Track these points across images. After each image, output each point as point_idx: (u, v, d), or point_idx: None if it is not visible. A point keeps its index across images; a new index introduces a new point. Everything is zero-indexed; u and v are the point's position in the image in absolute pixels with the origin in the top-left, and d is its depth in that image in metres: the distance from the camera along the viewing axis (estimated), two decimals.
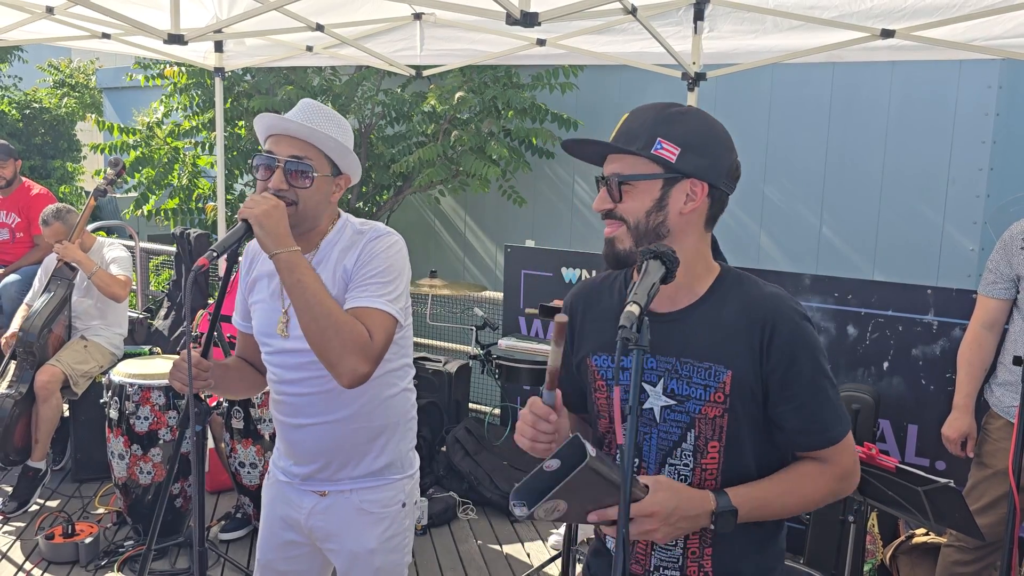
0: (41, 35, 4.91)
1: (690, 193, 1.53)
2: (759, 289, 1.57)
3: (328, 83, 7.38)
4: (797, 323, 1.52)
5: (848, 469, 1.58)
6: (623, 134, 1.56)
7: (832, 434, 1.54)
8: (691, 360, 1.55)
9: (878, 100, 6.04)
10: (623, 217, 1.54)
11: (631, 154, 1.53)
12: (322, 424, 2.05)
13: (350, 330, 1.85)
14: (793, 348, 1.51)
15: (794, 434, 1.54)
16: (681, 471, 1.57)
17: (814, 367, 1.52)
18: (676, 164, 1.51)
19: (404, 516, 2.15)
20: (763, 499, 1.52)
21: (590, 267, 4.74)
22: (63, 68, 15.16)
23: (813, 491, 1.55)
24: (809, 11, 3.75)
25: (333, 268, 2.00)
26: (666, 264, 1.42)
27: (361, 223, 2.08)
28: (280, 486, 2.18)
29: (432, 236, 8.49)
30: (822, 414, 1.53)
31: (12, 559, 3.80)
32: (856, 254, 6.22)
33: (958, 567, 3.08)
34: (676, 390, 1.56)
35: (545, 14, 3.02)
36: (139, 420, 3.77)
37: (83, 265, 4.30)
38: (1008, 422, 2.98)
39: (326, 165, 1.98)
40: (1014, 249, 2.97)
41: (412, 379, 2.19)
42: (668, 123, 1.53)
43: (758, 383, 1.52)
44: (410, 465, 2.18)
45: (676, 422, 1.56)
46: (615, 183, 1.54)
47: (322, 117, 1.98)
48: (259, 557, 2.23)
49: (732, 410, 1.53)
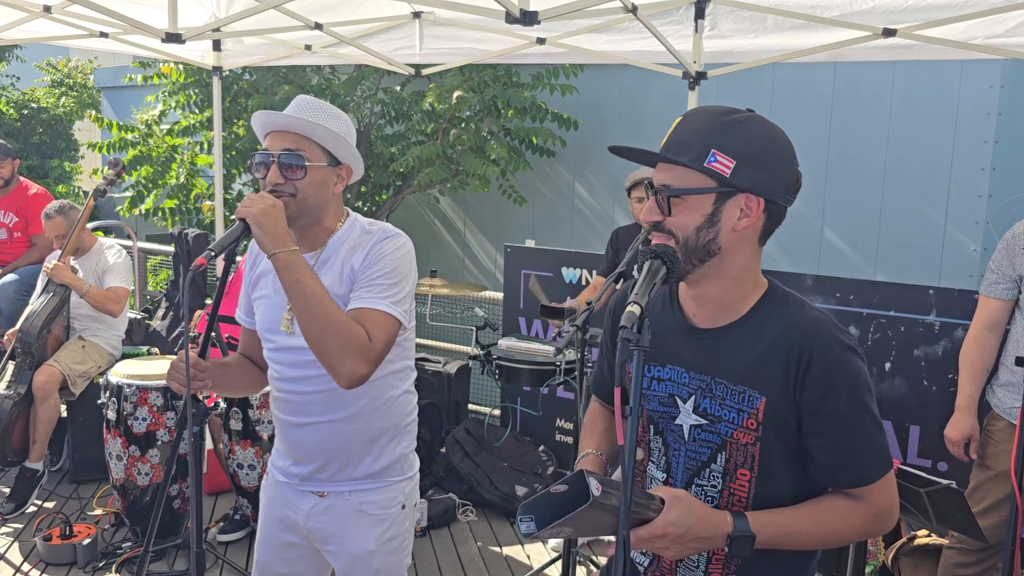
0: (39, 34, 4.89)
1: (744, 208, 1.45)
2: (803, 313, 1.48)
3: (327, 82, 7.37)
4: (838, 353, 1.43)
5: (883, 509, 1.48)
6: (675, 142, 1.47)
7: (866, 473, 1.45)
8: (725, 381, 1.49)
9: (880, 99, 6.04)
10: (672, 231, 1.45)
11: (682, 166, 1.44)
12: (322, 423, 2.04)
13: (349, 331, 1.84)
14: (830, 379, 1.42)
15: (826, 469, 1.46)
16: (708, 492, 1.52)
17: (852, 400, 1.43)
18: (731, 178, 1.42)
19: (404, 518, 2.14)
20: (785, 528, 1.45)
21: (590, 267, 4.72)
22: (61, 67, 15.15)
23: (841, 527, 1.47)
24: (811, 10, 3.74)
25: (340, 266, 1.99)
26: (667, 263, 1.41)
27: (370, 223, 2.07)
28: (279, 487, 2.17)
29: (432, 236, 8.48)
30: (857, 451, 1.45)
31: (10, 560, 3.78)
32: (858, 254, 6.21)
33: (959, 569, 3.07)
34: (708, 409, 1.50)
35: (545, 13, 3.01)
36: (137, 421, 3.75)
37: (73, 286, 4.28)
38: (1010, 423, 2.96)
39: (321, 155, 1.97)
40: (1016, 249, 2.95)
41: (413, 382, 2.18)
42: (723, 133, 1.43)
43: (792, 413, 1.45)
44: (410, 467, 2.17)
45: (706, 442, 1.51)
46: (664, 196, 1.45)
47: (315, 109, 1.99)
48: (257, 558, 2.22)
49: (765, 439, 1.46)
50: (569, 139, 7.19)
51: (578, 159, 7.50)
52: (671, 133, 1.48)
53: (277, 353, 2.07)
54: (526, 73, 7.06)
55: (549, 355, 4.06)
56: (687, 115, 1.49)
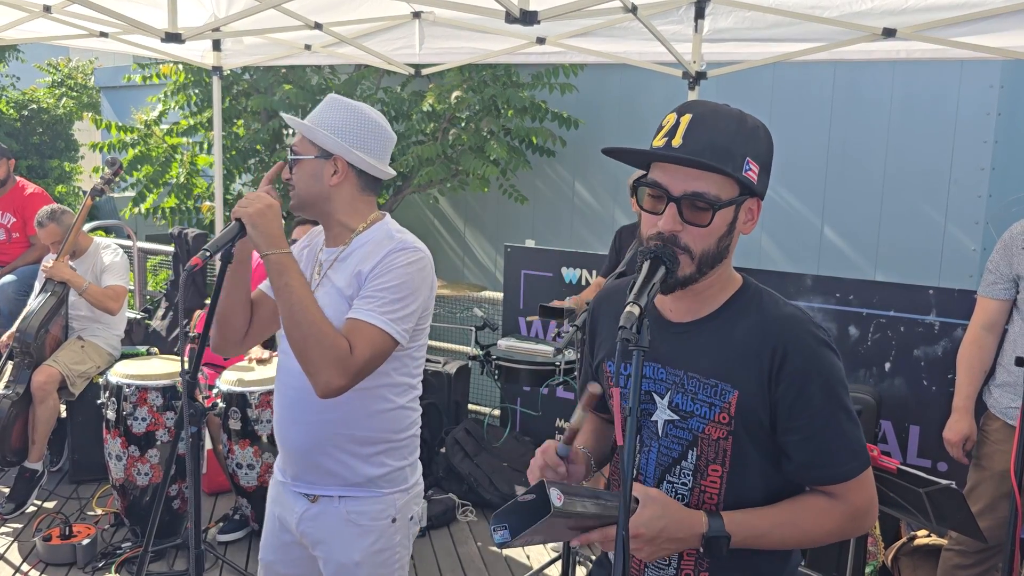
0: (39, 34, 4.89)
1: (749, 211, 1.44)
2: (777, 309, 1.46)
3: (327, 82, 7.37)
4: (813, 349, 1.41)
5: (861, 509, 1.45)
6: (706, 147, 1.36)
7: (842, 470, 1.42)
8: (697, 375, 1.46)
9: (879, 100, 6.04)
10: (688, 247, 1.40)
11: (724, 174, 1.37)
12: (307, 422, 2.03)
13: (330, 342, 1.82)
14: (805, 375, 1.40)
15: (801, 467, 1.44)
16: (679, 490, 1.50)
17: (827, 397, 1.41)
18: (756, 186, 1.40)
19: (394, 532, 2.08)
20: (760, 528, 1.43)
21: (590, 267, 4.72)
22: (61, 67, 15.14)
23: (816, 526, 1.45)
24: (810, 10, 3.74)
25: (353, 267, 1.98)
26: (666, 264, 1.38)
27: (398, 230, 2.05)
28: (278, 486, 2.17)
29: (432, 236, 8.47)
30: (832, 448, 1.42)
31: (9, 561, 3.78)
32: (857, 254, 6.21)
33: (959, 570, 3.06)
34: (680, 405, 1.48)
35: (545, 12, 3.01)
36: (136, 421, 3.75)
37: (73, 283, 4.28)
38: (1006, 424, 2.96)
39: (311, 149, 2.01)
40: (1015, 249, 2.95)
41: (416, 399, 2.12)
42: (752, 140, 1.40)
43: (765, 409, 1.42)
44: (403, 480, 2.10)
45: (677, 438, 1.49)
46: (700, 206, 1.37)
47: (324, 106, 2.04)
48: (261, 556, 2.21)
49: (737, 435, 1.44)
50: (569, 139, 7.19)
51: (578, 159, 7.49)
52: (689, 134, 1.38)
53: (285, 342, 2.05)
54: (526, 73, 7.06)
55: (549, 355, 4.06)
56: (704, 115, 1.40)
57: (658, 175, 1.41)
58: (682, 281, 1.42)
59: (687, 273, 1.41)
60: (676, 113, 1.42)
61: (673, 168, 1.39)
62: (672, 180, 1.39)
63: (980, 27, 3.66)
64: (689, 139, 1.37)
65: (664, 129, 1.41)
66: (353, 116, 2.02)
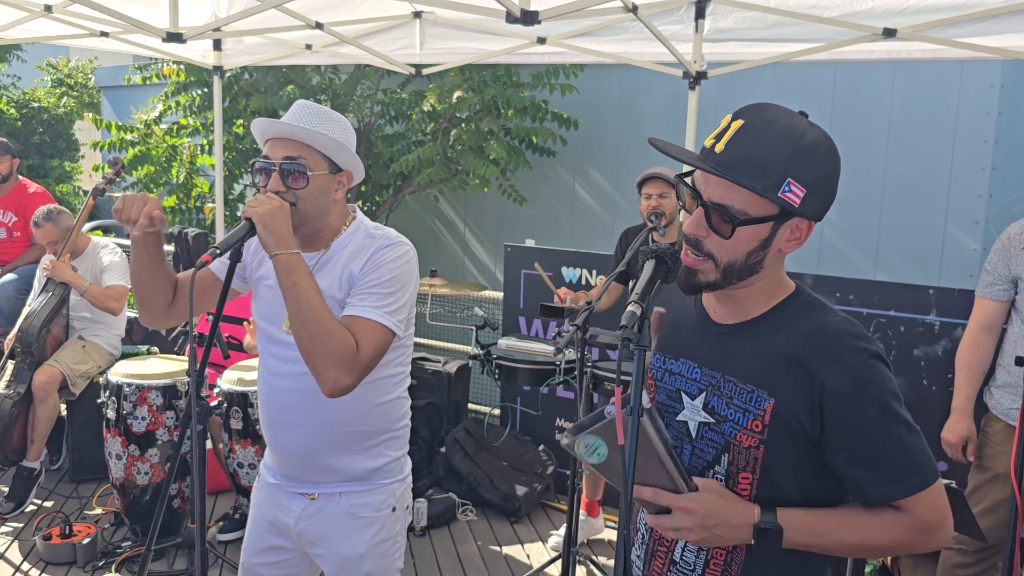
0: (39, 33, 4.89)
1: (795, 230, 1.38)
2: (827, 320, 1.40)
3: (327, 82, 7.37)
4: (863, 362, 1.35)
5: (930, 524, 1.37)
6: (744, 160, 1.32)
7: (907, 484, 1.35)
8: (734, 379, 1.42)
9: (880, 99, 6.03)
10: (712, 254, 1.38)
11: (755, 192, 1.32)
12: (310, 424, 2.03)
13: (338, 341, 1.83)
14: (856, 391, 1.34)
15: (865, 485, 1.37)
16: None
17: (882, 411, 1.35)
18: (799, 208, 1.33)
19: (395, 521, 2.12)
20: (816, 527, 1.37)
21: (590, 267, 4.72)
22: (61, 67, 15.12)
23: (879, 537, 1.37)
24: (811, 10, 3.75)
25: (340, 270, 1.98)
26: (667, 263, 1.39)
27: (375, 227, 2.07)
28: (269, 489, 2.16)
29: (432, 236, 8.47)
30: (894, 463, 1.35)
31: (9, 560, 3.78)
32: (857, 254, 6.21)
33: (959, 570, 3.06)
34: (716, 408, 1.44)
35: (545, 12, 3.01)
36: (136, 420, 3.75)
37: (73, 284, 4.28)
38: (1007, 425, 2.96)
39: (322, 163, 1.97)
40: (1013, 250, 2.95)
41: (407, 388, 2.17)
42: (801, 160, 1.32)
43: (807, 422, 1.36)
44: (400, 470, 2.15)
45: (712, 442, 1.45)
46: (722, 217, 1.34)
47: (315, 115, 1.97)
48: (243, 559, 2.21)
49: (769, 443, 1.39)
50: (569, 139, 7.19)
51: (578, 159, 7.49)
52: (732, 142, 1.33)
53: (273, 345, 2.06)
54: (526, 73, 7.06)
55: (549, 355, 4.06)
56: (754, 124, 1.34)
57: (698, 176, 1.40)
58: (706, 285, 1.41)
59: (712, 279, 1.40)
60: (732, 115, 1.37)
61: (709, 178, 1.37)
62: (707, 185, 1.37)
63: (980, 27, 3.67)
64: (731, 147, 1.33)
65: (716, 130, 1.38)
66: (346, 126, 2.02)
